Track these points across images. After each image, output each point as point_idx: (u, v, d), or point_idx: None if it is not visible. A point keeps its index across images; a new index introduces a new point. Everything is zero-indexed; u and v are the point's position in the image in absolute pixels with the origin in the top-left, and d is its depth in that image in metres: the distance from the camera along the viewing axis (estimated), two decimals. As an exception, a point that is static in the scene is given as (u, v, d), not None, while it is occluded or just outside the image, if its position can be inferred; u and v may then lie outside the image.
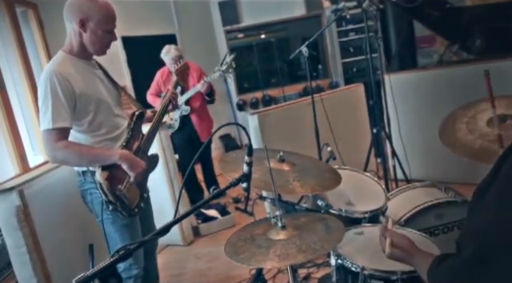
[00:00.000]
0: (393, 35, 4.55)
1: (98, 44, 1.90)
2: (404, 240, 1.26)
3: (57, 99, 1.77)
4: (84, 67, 1.93)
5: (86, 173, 1.92)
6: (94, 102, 1.90)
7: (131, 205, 1.92)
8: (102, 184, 1.81)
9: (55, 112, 1.77)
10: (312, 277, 2.69)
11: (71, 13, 1.86)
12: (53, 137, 1.78)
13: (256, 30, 7.47)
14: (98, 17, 1.84)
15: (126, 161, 1.87)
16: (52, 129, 1.77)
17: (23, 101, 3.52)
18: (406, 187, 2.35)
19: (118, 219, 1.93)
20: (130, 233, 1.98)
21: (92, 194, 1.93)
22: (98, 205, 1.90)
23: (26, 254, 2.08)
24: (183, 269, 3.27)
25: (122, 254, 0.99)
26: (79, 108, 1.85)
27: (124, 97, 2.14)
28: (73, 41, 1.90)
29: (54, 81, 1.77)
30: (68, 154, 1.82)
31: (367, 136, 3.73)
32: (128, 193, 1.89)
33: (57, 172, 2.41)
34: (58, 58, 1.89)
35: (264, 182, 1.71)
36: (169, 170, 3.51)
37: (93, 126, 1.91)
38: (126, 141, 1.96)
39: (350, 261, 1.54)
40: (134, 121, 2.01)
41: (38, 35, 3.80)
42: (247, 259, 1.39)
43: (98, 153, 1.87)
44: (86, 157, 1.84)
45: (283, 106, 3.82)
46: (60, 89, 1.77)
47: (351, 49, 7.26)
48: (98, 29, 1.86)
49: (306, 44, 3.19)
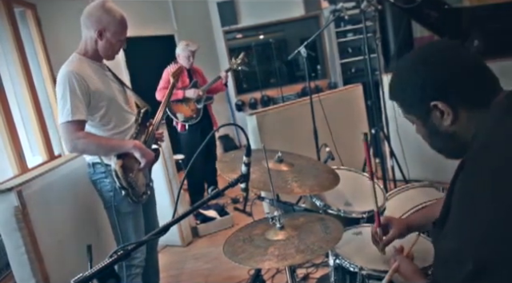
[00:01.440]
0: (391, 36, 4.55)
1: (110, 51, 2.13)
2: (411, 267, 1.25)
3: (75, 95, 1.96)
4: (97, 68, 2.13)
5: (96, 165, 2.13)
6: (106, 99, 2.10)
7: (140, 192, 2.14)
8: (118, 171, 2.02)
9: (74, 106, 1.95)
10: (310, 278, 2.70)
11: (90, 22, 2.06)
12: (73, 128, 1.97)
13: (255, 31, 7.48)
14: (114, 29, 2.07)
15: (140, 150, 2.08)
16: (72, 121, 1.96)
17: (21, 101, 3.51)
18: (404, 187, 2.35)
19: (122, 207, 2.13)
20: (132, 221, 2.18)
21: (101, 183, 2.14)
22: (107, 192, 2.13)
23: (25, 254, 2.08)
24: (182, 269, 3.27)
25: (121, 255, 0.99)
26: (93, 104, 2.05)
27: (131, 95, 2.34)
28: (88, 45, 2.11)
29: (72, 80, 1.97)
30: (88, 143, 2.00)
31: (366, 136, 3.73)
32: (137, 181, 2.12)
33: (55, 172, 2.41)
34: (74, 60, 2.07)
35: (262, 183, 1.71)
36: (168, 171, 3.51)
37: (104, 121, 2.10)
38: (135, 134, 2.18)
39: (348, 261, 1.54)
40: (141, 117, 2.22)
41: (36, 35, 3.79)
42: (246, 259, 1.39)
43: (115, 143, 2.08)
44: (104, 146, 2.04)
45: (282, 107, 3.83)
46: (77, 86, 1.97)
47: (350, 50, 7.28)
48: (112, 39, 2.08)
49: (304, 44, 3.19)
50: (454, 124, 1.01)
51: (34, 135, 3.58)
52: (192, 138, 4.33)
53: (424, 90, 1.01)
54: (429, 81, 1.00)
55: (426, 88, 1.01)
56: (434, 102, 1.00)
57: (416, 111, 1.06)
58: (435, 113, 1.02)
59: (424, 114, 1.04)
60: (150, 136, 2.25)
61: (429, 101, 1.01)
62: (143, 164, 2.11)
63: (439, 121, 1.03)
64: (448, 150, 1.08)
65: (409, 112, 1.09)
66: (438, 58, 1.02)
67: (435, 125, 1.04)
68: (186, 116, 4.30)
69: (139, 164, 2.11)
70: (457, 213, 0.93)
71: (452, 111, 1.00)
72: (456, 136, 1.03)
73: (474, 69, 1.01)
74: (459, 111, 1.00)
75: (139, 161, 2.11)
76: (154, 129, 2.27)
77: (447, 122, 1.01)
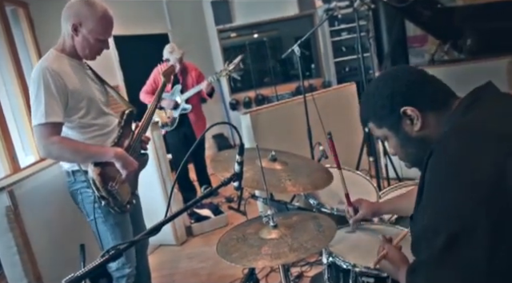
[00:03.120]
0: (384, 35, 4.57)
1: (87, 50, 1.91)
2: (399, 255, 1.27)
3: (50, 94, 1.77)
4: (75, 66, 1.93)
5: (76, 173, 1.92)
6: (86, 100, 1.90)
7: (123, 202, 1.93)
8: (95, 179, 1.82)
9: (48, 107, 1.76)
10: (304, 276, 2.70)
11: (68, 15, 1.87)
12: (47, 131, 1.77)
13: (249, 30, 7.48)
14: (91, 26, 1.85)
15: (120, 160, 1.87)
16: (45, 124, 1.76)
17: (14, 100, 3.49)
18: (397, 185, 2.36)
19: (109, 217, 1.94)
20: (121, 232, 1.98)
21: (82, 194, 1.94)
22: (89, 204, 1.92)
23: (17, 255, 2.06)
24: (176, 268, 3.27)
25: (113, 254, 0.99)
26: (71, 104, 1.85)
27: (114, 96, 2.14)
28: (66, 41, 1.91)
29: (47, 77, 1.77)
30: (63, 149, 1.81)
31: (359, 135, 3.75)
32: (120, 190, 1.91)
33: (47, 172, 2.40)
34: (50, 56, 1.88)
35: (256, 181, 1.71)
36: (161, 170, 3.50)
37: (83, 123, 1.91)
38: (117, 139, 1.97)
39: (342, 259, 1.54)
40: (124, 120, 2.01)
41: (29, 34, 3.76)
42: (239, 258, 1.39)
43: (93, 150, 1.86)
44: (81, 153, 1.83)
45: (276, 105, 3.82)
46: (53, 84, 1.78)
47: (344, 49, 7.29)
48: (89, 37, 1.87)
49: (298, 43, 3.19)
50: (424, 128, 1.11)
51: (27, 135, 3.56)
52: (173, 144, 4.32)
53: (393, 99, 1.12)
54: (396, 89, 1.12)
55: (394, 96, 1.12)
56: (403, 108, 1.10)
57: (387, 122, 1.16)
58: (405, 120, 1.12)
59: (395, 123, 1.14)
60: (136, 140, 2.03)
61: (399, 107, 1.11)
62: (124, 175, 1.90)
63: (410, 128, 1.12)
64: (421, 156, 1.09)
65: (381, 125, 1.19)
66: (399, 71, 1.17)
67: (407, 132, 1.13)
68: (162, 122, 4.27)
69: (120, 174, 1.91)
70: (428, 193, 1.00)
71: (421, 115, 1.10)
72: (427, 140, 1.11)
73: (431, 77, 1.16)
74: (427, 114, 1.10)
75: None
76: (140, 133, 2.06)
77: (417, 127, 1.11)
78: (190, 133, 4.30)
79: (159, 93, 2.23)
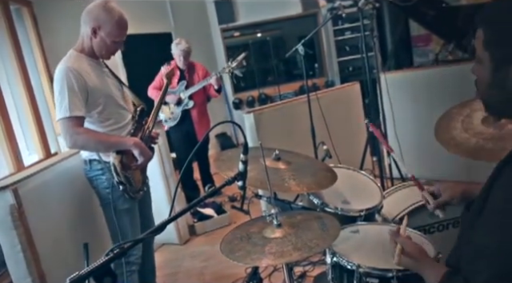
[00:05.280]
0: (388, 34, 4.56)
1: (104, 50, 2.11)
2: (415, 248, 1.23)
3: (72, 92, 1.96)
4: (94, 65, 2.12)
5: (93, 162, 2.14)
6: (104, 96, 2.10)
7: (136, 188, 2.16)
8: (116, 166, 2.04)
9: (71, 102, 1.96)
10: (308, 276, 2.70)
11: (88, 19, 2.05)
12: (72, 124, 1.98)
13: (252, 29, 7.47)
14: (109, 29, 2.04)
15: (138, 148, 2.08)
16: (69, 117, 1.97)
17: (18, 99, 3.50)
18: (401, 185, 2.36)
19: (118, 204, 2.14)
20: (129, 218, 2.19)
21: (97, 180, 2.15)
22: (104, 189, 2.15)
23: (21, 253, 2.07)
24: (179, 267, 3.27)
25: (117, 253, 0.99)
26: (90, 101, 2.05)
27: (126, 92, 2.32)
28: (84, 42, 2.10)
29: (69, 76, 1.96)
30: (88, 139, 2.02)
31: (363, 134, 3.74)
32: (134, 177, 2.13)
33: (51, 170, 2.40)
34: (71, 56, 2.07)
35: (260, 181, 1.71)
36: (164, 169, 3.50)
37: (101, 117, 2.11)
38: (132, 130, 2.18)
39: (346, 259, 1.54)
40: (137, 115, 2.23)
41: (33, 33, 3.77)
42: (243, 257, 1.39)
43: (115, 140, 2.09)
44: (104, 142, 2.06)
45: (279, 105, 3.82)
46: (75, 82, 1.97)
47: (347, 48, 7.27)
48: (106, 39, 2.06)
49: (301, 42, 3.18)
50: None
51: (31, 133, 3.56)
52: (175, 139, 4.34)
53: None
54: None
55: None
56: None
57: (500, 53, 0.97)
58: None
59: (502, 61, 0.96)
60: (146, 134, 2.25)
61: None
62: (140, 161, 2.11)
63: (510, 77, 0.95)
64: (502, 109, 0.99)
65: (489, 47, 0.99)
66: None
67: (503, 78, 0.96)
68: (165, 117, 4.29)
69: (136, 161, 2.11)
70: (499, 211, 0.91)
71: None
72: None
73: None
74: None
75: (136, 159, 2.11)
76: (149, 128, 2.26)
77: None
78: (192, 131, 4.32)
79: (163, 94, 2.44)
